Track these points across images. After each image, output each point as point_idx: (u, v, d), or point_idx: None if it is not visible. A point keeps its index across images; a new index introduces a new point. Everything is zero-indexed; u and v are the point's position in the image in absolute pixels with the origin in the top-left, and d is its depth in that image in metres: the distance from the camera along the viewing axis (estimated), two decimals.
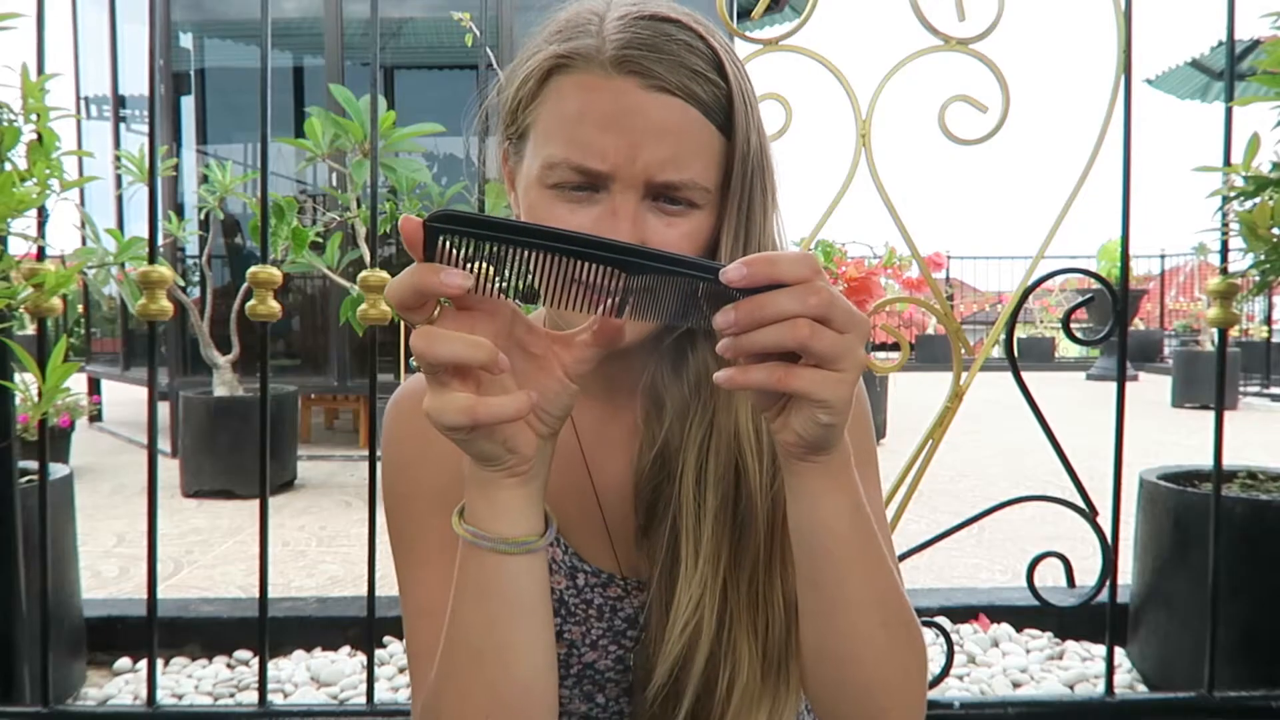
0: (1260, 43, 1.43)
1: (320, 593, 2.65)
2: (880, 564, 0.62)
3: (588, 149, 0.63)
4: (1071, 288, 11.60)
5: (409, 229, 0.51)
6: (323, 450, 5.14)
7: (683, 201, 0.65)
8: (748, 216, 0.66)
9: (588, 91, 0.63)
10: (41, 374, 1.36)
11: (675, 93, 0.63)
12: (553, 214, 0.65)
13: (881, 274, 5.95)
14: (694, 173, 0.64)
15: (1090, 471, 1.68)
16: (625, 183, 0.63)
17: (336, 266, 3.31)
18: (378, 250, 1.80)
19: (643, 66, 0.62)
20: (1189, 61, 9.10)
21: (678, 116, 0.63)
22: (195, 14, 5.61)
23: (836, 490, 0.58)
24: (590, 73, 0.63)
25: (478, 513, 0.59)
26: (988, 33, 1.52)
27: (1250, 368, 8.60)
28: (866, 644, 0.62)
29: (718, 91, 0.64)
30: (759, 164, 0.67)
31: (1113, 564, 1.59)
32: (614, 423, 0.75)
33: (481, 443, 0.55)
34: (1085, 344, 1.72)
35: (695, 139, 0.64)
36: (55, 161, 1.40)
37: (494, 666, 0.60)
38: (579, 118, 0.63)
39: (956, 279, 13.56)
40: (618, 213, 0.63)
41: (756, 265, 0.51)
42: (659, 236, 0.64)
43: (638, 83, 0.62)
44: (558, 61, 0.65)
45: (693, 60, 0.64)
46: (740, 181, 0.66)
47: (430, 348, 0.51)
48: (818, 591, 0.61)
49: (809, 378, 0.52)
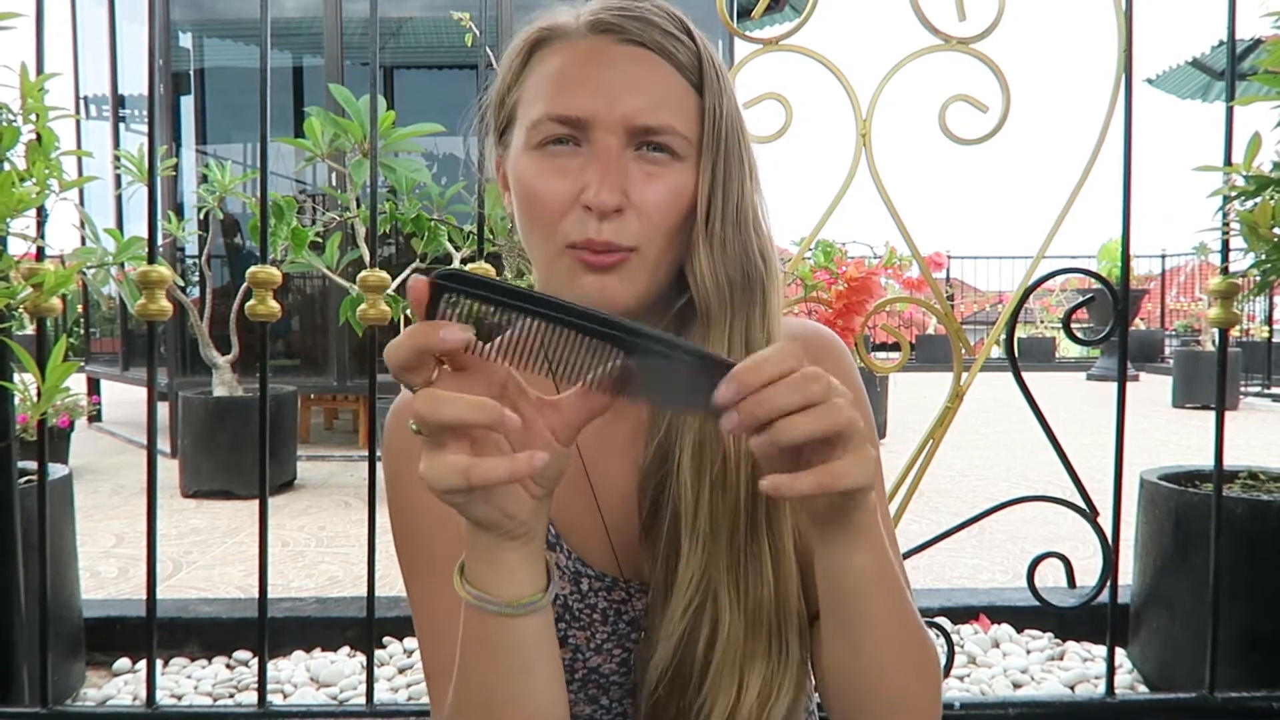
0: (1261, 42, 1.43)
1: (319, 593, 2.65)
2: (901, 595, 0.64)
3: (569, 100, 0.66)
4: (1072, 288, 11.59)
5: (417, 288, 0.51)
6: (322, 450, 5.14)
7: (665, 150, 0.67)
8: (727, 177, 0.68)
9: (566, 54, 0.68)
10: (41, 374, 1.35)
11: (648, 46, 0.67)
12: (540, 177, 0.67)
13: (881, 274, 5.94)
14: (670, 118, 0.66)
15: (1091, 472, 1.68)
16: (605, 127, 0.65)
17: (336, 266, 3.31)
18: (377, 250, 1.80)
19: (617, 25, 0.67)
20: (1189, 61, 9.09)
21: (652, 68, 0.67)
22: (195, 14, 5.60)
23: (865, 543, 0.59)
24: (568, 39, 0.68)
25: (479, 575, 0.58)
26: (988, 32, 1.52)
27: (1251, 368, 8.59)
28: (891, 667, 0.64)
29: (688, 51, 0.68)
30: (734, 128, 0.69)
31: (1113, 564, 1.59)
32: (615, 425, 0.75)
33: (478, 507, 0.54)
34: (1086, 344, 1.72)
35: (669, 89, 0.67)
36: (54, 161, 1.39)
37: (506, 715, 0.61)
38: (558, 76, 0.67)
39: (957, 279, 13.56)
40: (600, 156, 0.65)
41: (745, 377, 0.51)
42: (640, 187, 0.66)
43: (612, 38, 0.67)
44: (538, 37, 0.69)
45: (662, 21, 0.68)
46: (715, 138, 0.68)
47: (435, 410, 0.50)
48: (845, 629, 0.63)
49: (846, 469, 0.53)
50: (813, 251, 5.09)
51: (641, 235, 0.66)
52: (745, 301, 0.69)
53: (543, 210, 0.67)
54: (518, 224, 0.72)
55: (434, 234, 2.95)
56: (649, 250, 0.67)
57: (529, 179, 0.67)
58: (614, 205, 0.64)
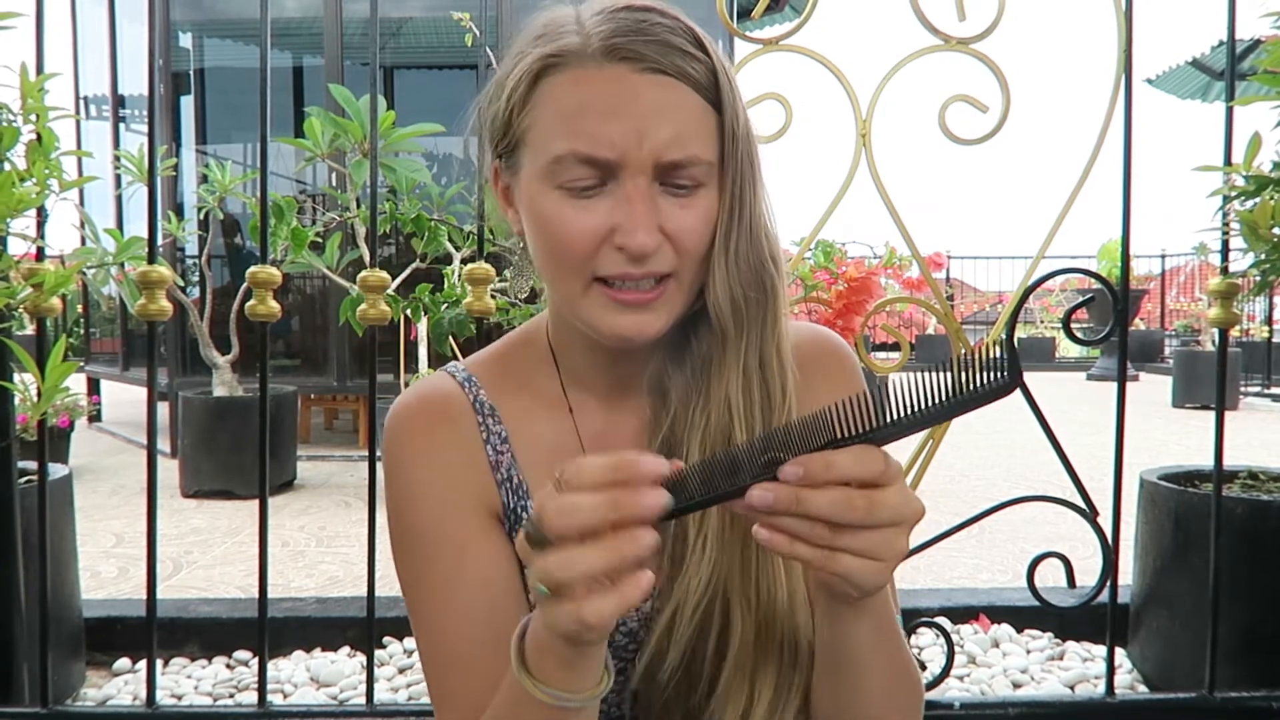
0: (1261, 42, 1.43)
1: (320, 593, 2.65)
2: (896, 645, 0.66)
3: (594, 139, 0.63)
4: (1072, 288, 11.59)
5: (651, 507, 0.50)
6: (322, 450, 5.14)
7: (689, 181, 0.65)
8: (741, 191, 0.67)
9: (584, 84, 0.64)
10: (41, 374, 1.35)
11: (668, 72, 0.64)
12: (563, 216, 0.65)
13: (881, 274, 5.95)
14: (696, 148, 0.65)
15: (1091, 472, 1.68)
16: (635, 168, 0.63)
17: (336, 266, 3.31)
18: (377, 250, 1.80)
19: (633, 51, 0.63)
20: (1189, 61, 9.09)
21: (674, 95, 0.64)
22: (195, 14, 5.60)
23: (869, 617, 0.61)
24: (583, 66, 0.64)
25: (556, 678, 0.57)
26: (988, 33, 1.52)
27: (1251, 368, 8.59)
28: (879, 705, 0.66)
29: (704, 68, 0.66)
30: (748, 137, 0.68)
31: (1113, 564, 1.59)
32: (621, 423, 0.75)
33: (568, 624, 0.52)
34: (1086, 344, 1.72)
35: (693, 115, 0.65)
36: (54, 161, 1.39)
37: None
38: (580, 111, 0.64)
39: (956, 279, 13.55)
40: (632, 198, 0.64)
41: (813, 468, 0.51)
42: (674, 220, 0.65)
43: (631, 67, 0.64)
44: (546, 62, 0.65)
45: (677, 40, 0.65)
46: (734, 155, 0.67)
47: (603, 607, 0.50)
48: (838, 679, 0.65)
49: (850, 564, 0.53)
50: (813, 251, 5.09)
51: (677, 263, 0.66)
52: (759, 314, 0.69)
53: (570, 250, 0.65)
54: (532, 252, 0.70)
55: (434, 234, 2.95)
56: (685, 274, 0.67)
57: (551, 216, 0.66)
58: (653, 248, 0.64)
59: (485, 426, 0.75)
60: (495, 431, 0.75)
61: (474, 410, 0.75)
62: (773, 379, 0.70)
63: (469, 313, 1.60)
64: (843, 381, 0.77)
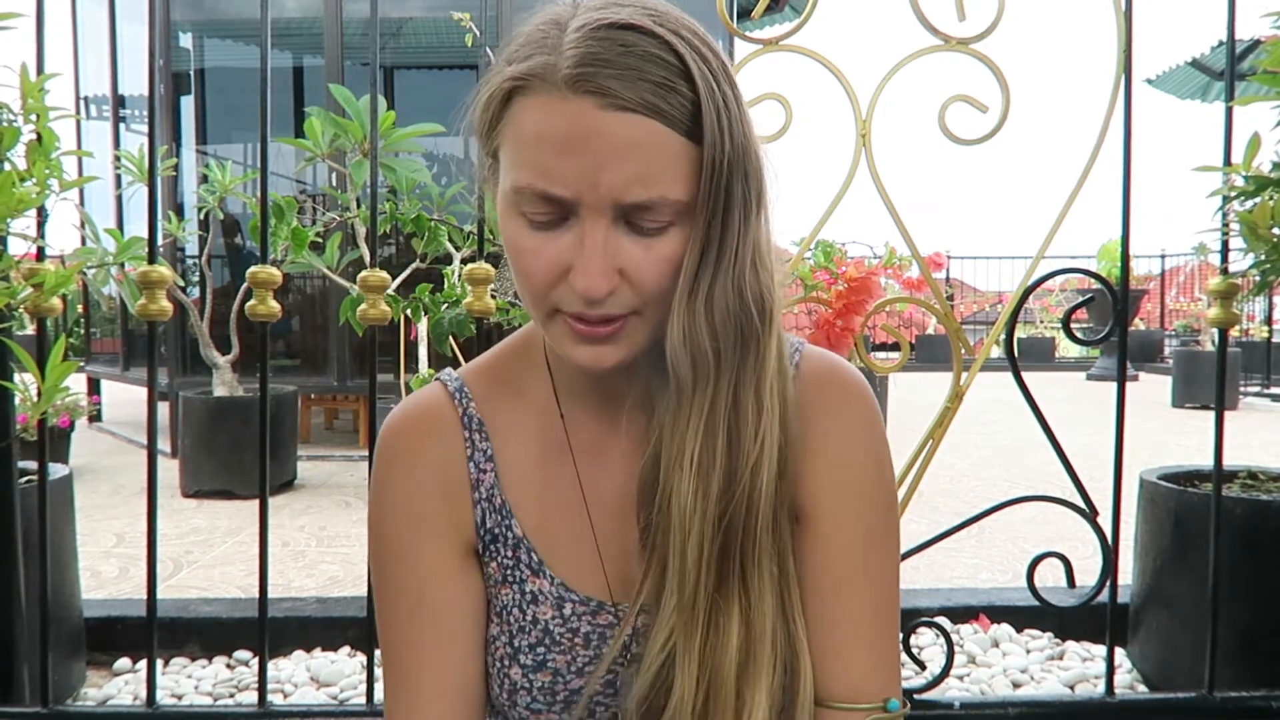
0: (1260, 42, 1.43)
1: (320, 593, 2.65)
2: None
3: (549, 175, 0.60)
4: (1072, 288, 11.59)
5: None
6: (322, 450, 5.14)
7: (655, 223, 0.62)
8: (723, 226, 0.63)
9: (546, 114, 0.60)
10: (41, 374, 1.36)
11: (635, 109, 0.59)
12: (523, 245, 0.64)
13: (881, 274, 5.94)
14: (663, 188, 0.61)
15: (1090, 472, 1.68)
16: (591, 208, 0.61)
17: (336, 266, 3.31)
18: (377, 250, 1.80)
19: (599, 85, 0.59)
20: (1189, 61, 9.09)
21: (640, 133, 0.59)
22: (195, 14, 5.61)
23: None
24: (548, 94, 0.60)
25: None
26: (988, 33, 1.52)
27: (1251, 368, 8.60)
28: None
29: (683, 100, 0.60)
30: (738, 168, 0.63)
31: (1113, 564, 1.59)
32: (611, 437, 0.75)
33: None
34: (1085, 344, 1.72)
35: (660, 154, 0.60)
36: (55, 161, 1.40)
37: None
38: (538, 142, 0.61)
39: (956, 279, 13.55)
40: (585, 241, 0.61)
41: None
42: (634, 261, 0.62)
43: (595, 102, 0.59)
44: (515, 84, 0.62)
45: (653, 71, 0.60)
46: (709, 192, 0.62)
47: None
48: None
49: None
50: (812, 252, 5.09)
51: (638, 302, 0.64)
52: (732, 363, 0.65)
53: (529, 280, 0.64)
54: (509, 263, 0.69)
55: (434, 234, 2.95)
56: (649, 310, 0.64)
57: (512, 242, 0.64)
58: (605, 292, 0.62)
59: (471, 443, 0.74)
60: (481, 449, 0.74)
61: (462, 425, 0.75)
62: (745, 424, 0.66)
63: (469, 313, 1.60)
64: (845, 416, 0.73)
